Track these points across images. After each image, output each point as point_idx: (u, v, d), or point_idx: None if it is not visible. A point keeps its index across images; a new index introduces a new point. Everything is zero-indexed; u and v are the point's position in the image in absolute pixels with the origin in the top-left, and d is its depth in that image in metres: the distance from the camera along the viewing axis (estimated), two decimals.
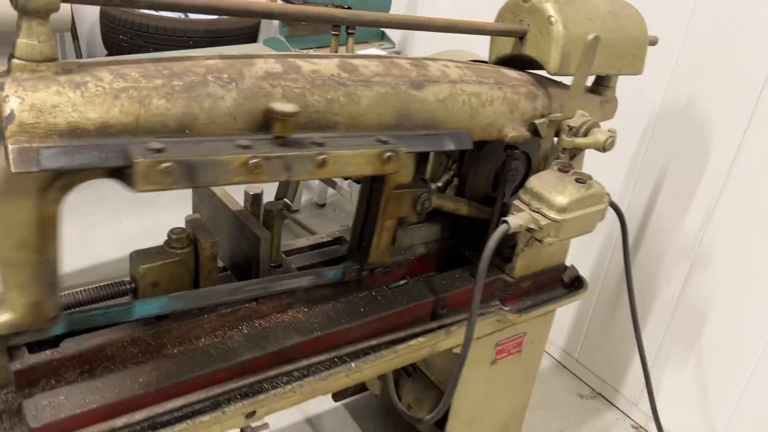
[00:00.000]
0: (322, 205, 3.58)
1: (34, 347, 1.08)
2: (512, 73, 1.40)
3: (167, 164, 0.88)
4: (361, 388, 2.17)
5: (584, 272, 2.45)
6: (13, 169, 0.77)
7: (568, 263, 2.52)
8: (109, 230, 3.03)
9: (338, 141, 1.11)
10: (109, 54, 3.53)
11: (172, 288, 1.21)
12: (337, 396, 2.20)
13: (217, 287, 1.26)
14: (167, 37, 3.39)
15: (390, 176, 1.30)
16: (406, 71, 1.21)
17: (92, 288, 1.17)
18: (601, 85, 1.63)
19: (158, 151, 0.89)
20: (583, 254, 2.46)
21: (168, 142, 0.93)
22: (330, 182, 3.25)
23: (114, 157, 0.88)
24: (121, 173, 0.92)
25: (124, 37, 3.39)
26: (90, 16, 3.82)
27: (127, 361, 1.14)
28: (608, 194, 1.46)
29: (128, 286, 1.18)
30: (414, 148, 1.24)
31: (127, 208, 3.17)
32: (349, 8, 2.77)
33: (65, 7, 0.83)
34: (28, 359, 1.05)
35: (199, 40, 3.43)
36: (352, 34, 1.45)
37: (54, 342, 1.10)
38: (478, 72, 1.33)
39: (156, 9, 1.02)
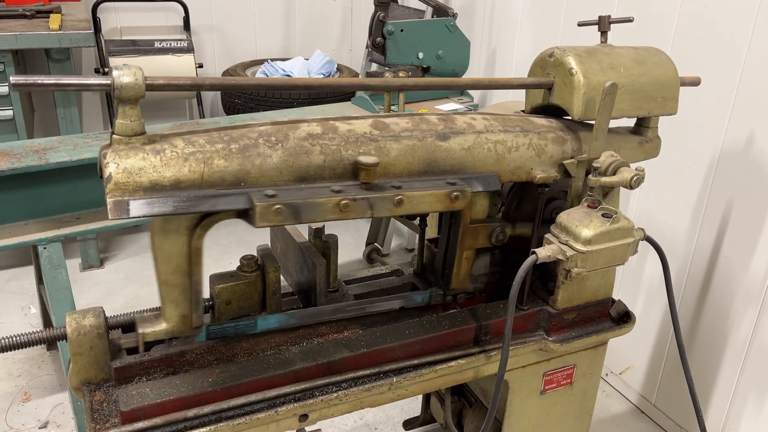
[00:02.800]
0: (411, 250, 3.79)
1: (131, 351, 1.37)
2: (540, 121, 1.55)
3: (278, 206, 1.15)
4: (430, 419, 2.30)
5: (656, 315, 2.45)
6: (110, 217, 1.05)
7: (639, 305, 2.53)
8: (219, 270, 3.43)
9: (413, 184, 1.33)
10: (227, 113, 4.04)
11: (243, 305, 1.46)
12: (407, 425, 2.35)
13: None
14: (274, 99, 3.83)
15: (465, 213, 1.50)
16: (433, 125, 1.41)
17: None
18: (641, 126, 1.73)
19: (271, 196, 1.17)
20: (654, 296, 2.46)
21: (279, 189, 1.20)
22: (416, 228, 3.45)
23: (242, 201, 1.17)
24: (245, 214, 1.19)
25: (239, 100, 3.88)
26: None
27: (203, 365, 1.39)
28: (641, 229, 1.55)
29: (207, 303, 1.46)
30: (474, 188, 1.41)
31: (237, 250, 3.57)
32: (428, 68, 3.03)
33: None
34: (125, 359, 1.33)
35: (302, 101, 3.84)
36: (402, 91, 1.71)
37: (147, 347, 1.38)
38: (505, 121, 1.50)
39: (216, 90, 1.29)
